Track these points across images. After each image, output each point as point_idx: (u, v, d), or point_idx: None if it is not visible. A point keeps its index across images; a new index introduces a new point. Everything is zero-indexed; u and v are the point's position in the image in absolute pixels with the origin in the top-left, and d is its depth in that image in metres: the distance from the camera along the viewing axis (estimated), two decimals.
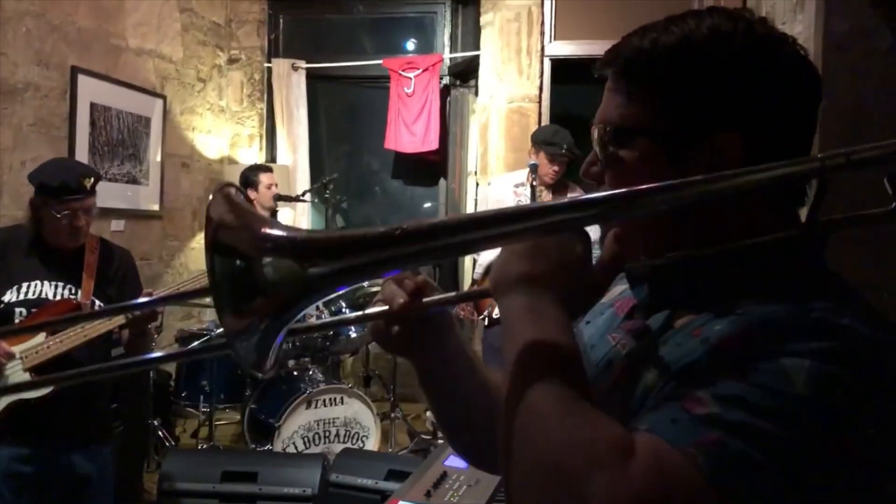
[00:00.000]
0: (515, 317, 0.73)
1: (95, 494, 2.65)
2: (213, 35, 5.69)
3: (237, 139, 5.99)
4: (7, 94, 3.72)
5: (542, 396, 0.67)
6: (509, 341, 0.72)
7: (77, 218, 2.57)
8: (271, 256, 0.69)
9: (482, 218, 0.71)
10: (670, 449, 0.62)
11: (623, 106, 0.81)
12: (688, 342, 0.73)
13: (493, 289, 0.78)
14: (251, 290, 0.68)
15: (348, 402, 4.07)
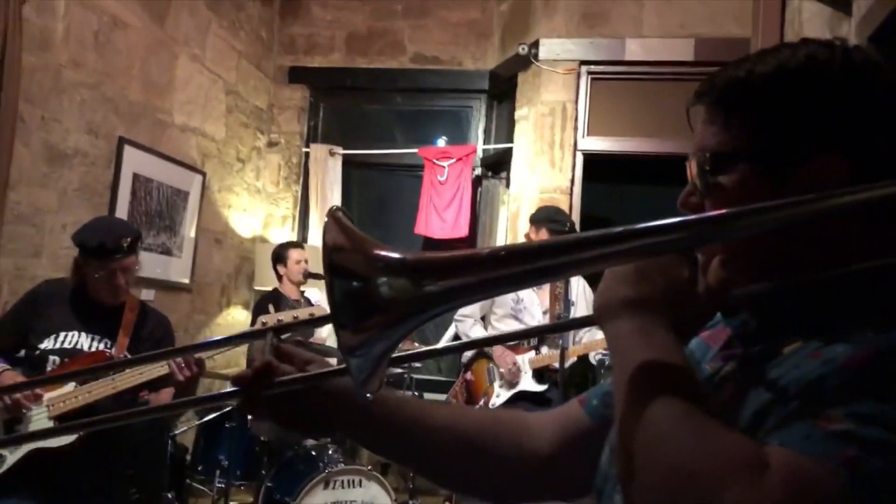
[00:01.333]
0: (625, 341, 0.72)
1: None
2: (255, 118, 5.88)
3: (270, 219, 6.10)
4: (56, 159, 3.83)
5: (663, 413, 0.65)
6: (619, 366, 0.71)
7: (115, 276, 2.61)
8: (386, 276, 0.72)
9: (587, 238, 0.71)
10: (808, 462, 0.60)
11: (720, 133, 0.81)
12: (806, 364, 0.70)
13: (598, 315, 0.78)
14: (368, 308, 0.71)
15: (366, 486, 3.95)
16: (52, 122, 3.78)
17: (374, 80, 6.01)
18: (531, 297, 4.17)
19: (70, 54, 3.86)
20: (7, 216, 3.46)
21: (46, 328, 2.59)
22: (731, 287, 0.80)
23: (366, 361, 0.74)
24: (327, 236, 0.74)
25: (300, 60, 6.14)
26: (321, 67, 6.10)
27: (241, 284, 5.75)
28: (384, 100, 6.11)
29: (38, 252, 3.75)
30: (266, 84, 6.01)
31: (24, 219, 3.65)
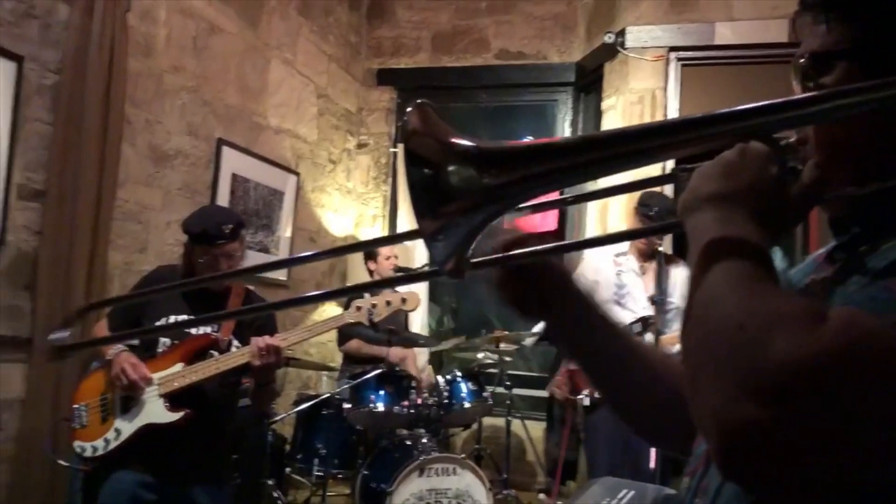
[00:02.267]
0: (702, 230, 0.71)
1: None
2: (345, 121, 6.02)
3: (361, 219, 6.22)
4: (160, 159, 4.03)
5: (722, 277, 0.65)
6: (695, 251, 0.70)
7: (217, 262, 2.71)
8: (456, 164, 0.72)
9: (666, 125, 0.71)
10: (868, 316, 0.58)
11: (823, 34, 0.81)
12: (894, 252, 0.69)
13: (681, 210, 0.77)
14: (440, 196, 0.72)
15: (461, 474, 3.96)
16: (155, 125, 3.98)
17: (460, 78, 6.05)
18: (635, 282, 4.05)
19: (171, 59, 4.05)
20: (115, 213, 3.65)
21: (157, 312, 2.72)
22: (825, 189, 0.78)
23: (446, 247, 0.74)
24: (409, 123, 0.76)
25: (387, 63, 6.25)
26: (408, 68, 6.19)
27: (334, 282, 5.87)
28: (470, 97, 6.15)
29: (144, 248, 3.94)
30: (355, 87, 6.15)
31: (131, 216, 3.85)
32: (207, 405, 2.64)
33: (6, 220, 3.15)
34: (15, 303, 3.23)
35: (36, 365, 3.27)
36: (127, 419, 2.60)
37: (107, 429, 2.61)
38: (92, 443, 2.60)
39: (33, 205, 3.29)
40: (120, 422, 2.60)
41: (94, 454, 2.59)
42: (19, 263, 3.23)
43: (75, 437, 2.64)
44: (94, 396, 2.68)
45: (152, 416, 2.57)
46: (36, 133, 3.28)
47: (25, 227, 3.26)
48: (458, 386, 4.25)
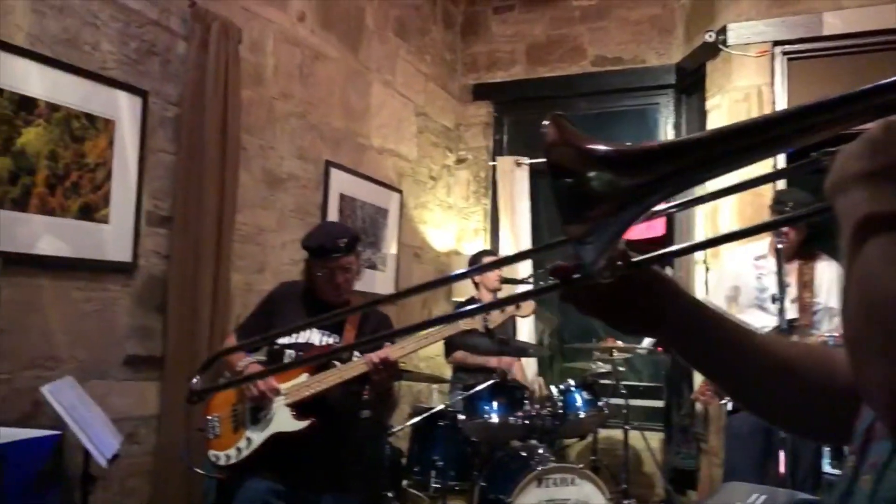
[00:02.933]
0: (853, 208, 0.69)
1: None
2: (443, 137, 6.11)
3: (462, 233, 6.28)
4: (274, 182, 4.19)
5: (885, 248, 0.63)
6: (847, 230, 0.68)
7: (335, 275, 2.80)
8: (595, 170, 0.75)
9: (805, 109, 0.70)
10: None
11: None
12: None
13: (829, 193, 0.75)
14: (583, 201, 0.75)
15: (579, 484, 3.91)
16: (268, 150, 4.15)
17: (557, 87, 6.05)
18: (776, 286, 3.94)
19: (279, 87, 4.23)
20: (235, 236, 3.82)
21: (282, 326, 2.83)
22: None
23: (595, 248, 0.78)
24: (547, 135, 0.79)
25: (483, 77, 6.32)
26: (503, 82, 6.24)
27: (439, 297, 5.94)
28: (568, 106, 6.11)
29: (262, 268, 4.10)
30: (452, 104, 6.24)
31: (249, 238, 4.02)
32: (332, 414, 2.73)
33: (138, 246, 3.34)
34: (147, 323, 3.42)
35: (169, 382, 3.44)
36: (257, 429, 2.71)
37: (238, 438, 2.72)
38: (225, 451, 2.72)
39: (161, 230, 3.48)
40: (250, 431, 2.71)
41: (227, 462, 2.71)
42: (150, 286, 3.43)
43: (210, 447, 2.77)
44: (225, 408, 2.80)
45: (280, 426, 2.67)
46: (161, 163, 3.48)
47: (155, 251, 3.46)
48: (572, 396, 4.21)
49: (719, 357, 0.97)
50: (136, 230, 3.34)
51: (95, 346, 3.18)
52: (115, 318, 3.28)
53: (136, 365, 3.37)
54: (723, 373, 1.00)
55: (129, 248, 3.30)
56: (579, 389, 4.23)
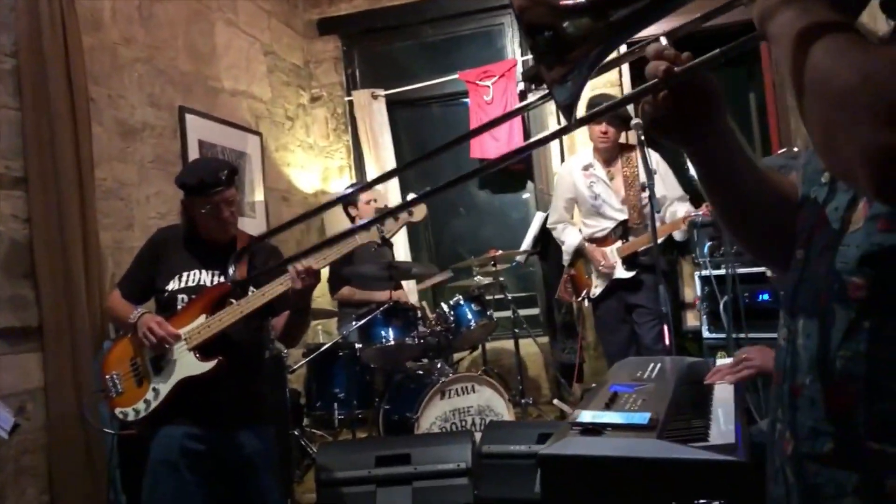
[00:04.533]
0: (787, 26, 0.76)
1: (263, 472, 2.74)
2: (294, 76, 5.97)
3: (328, 172, 6.22)
4: (129, 133, 3.98)
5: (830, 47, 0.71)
6: (787, 47, 0.75)
7: (220, 210, 2.72)
8: (570, 19, 0.86)
9: None
10: None
11: None
12: None
13: (759, 20, 0.82)
14: (562, 47, 0.86)
15: (479, 390, 4.09)
16: (118, 99, 3.92)
17: (402, 15, 6.03)
18: (606, 191, 4.28)
19: (120, 31, 3.98)
20: (98, 193, 3.62)
21: (169, 271, 2.74)
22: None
23: (572, 86, 0.88)
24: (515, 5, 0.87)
25: (326, 11, 6.19)
26: (348, 14, 6.14)
27: (313, 238, 5.89)
28: (416, 34, 6.13)
29: (130, 225, 3.92)
30: (298, 40, 6.09)
31: (112, 193, 3.82)
32: (238, 350, 2.69)
33: None
34: (18, 292, 3.20)
35: (51, 352, 3.26)
36: (162, 378, 2.63)
37: (144, 391, 2.64)
38: (133, 406, 2.63)
39: (17, 193, 3.24)
40: (156, 382, 2.63)
41: (137, 417, 2.63)
42: (15, 253, 3.20)
43: (115, 405, 2.67)
44: (123, 364, 2.70)
45: (186, 370, 2.61)
46: (4, 120, 3.22)
47: (13, 216, 3.22)
48: (462, 309, 4.36)
49: (737, 178, 1.06)
50: None
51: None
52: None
53: (13, 337, 3.16)
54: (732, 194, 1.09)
55: None
56: (468, 303, 4.37)
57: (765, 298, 3.18)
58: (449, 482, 3.24)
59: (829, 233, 0.94)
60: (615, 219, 4.26)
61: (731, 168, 1.06)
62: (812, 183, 1.03)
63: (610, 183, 4.30)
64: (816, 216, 0.98)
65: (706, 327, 3.34)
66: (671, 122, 1.01)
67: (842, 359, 0.88)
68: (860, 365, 0.86)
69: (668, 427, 1.91)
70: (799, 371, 0.95)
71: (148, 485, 2.56)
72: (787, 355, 0.99)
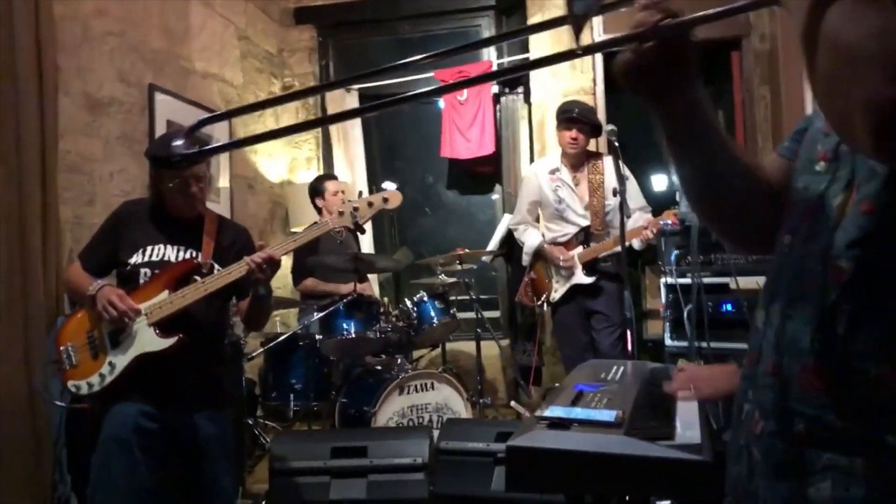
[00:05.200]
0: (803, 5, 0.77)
1: (217, 457, 2.69)
2: (267, 63, 5.90)
3: (295, 163, 6.15)
4: (96, 107, 3.89)
5: (846, 8, 0.73)
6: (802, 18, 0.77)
7: (188, 185, 2.67)
8: None
9: None
10: None
11: None
12: None
13: None
14: None
15: (438, 388, 4.08)
16: (86, 72, 3.83)
17: (379, 10, 6.01)
18: (571, 197, 4.30)
19: (94, 3, 3.89)
20: (60, 166, 3.52)
21: (133, 244, 2.67)
22: None
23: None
24: None
25: (304, 1, 6.14)
26: (325, 5, 6.10)
27: (276, 228, 5.83)
28: (391, 30, 6.12)
29: (91, 200, 3.82)
30: (274, 28, 6.02)
31: (75, 168, 3.72)
32: (199, 329, 2.63)
33: None
34: None
35: (2, 321, 3.16)
36: (119, 352, 2.56)
37: (99, 364, 2.57)
38: (87, 380, 2.56)
39: None
40: (112, 356, 2.56)
41: (90, 391, 2.55)
42: None
43: (68, 377, 2.59)
44: (80, 336, 2.62)
45: (145, 346, 2.54)
46: None
47: None
48: (425, 306, 4.34)
49: (705, 144, 1.05)
50: None
51: None
52: None
53: None
54: (699, 159, 1.08)
55: None
56: (432, 300, 4.36)
57: (728, 309, 3.21)
58: (405, 476, 3.21)
59: (820, 219, 0.95)
60: (578, 224, 4.28)
61: (699, 136, 1.05)
62: (804, 171, 1.04)
63: (575, 188, 4.33)
64: (807, 204, 1.00)
65: (669, 335, 3.37)
66: (647, 76, 0.99)
67: (819, 341, 0.90)
68: (837, 347, 0.88)
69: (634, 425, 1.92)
70: (775, 352, 0.97)
71: (98, 462, 2.48)
72: (762, 338, 1.01)
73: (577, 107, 4.29)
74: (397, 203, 2.71)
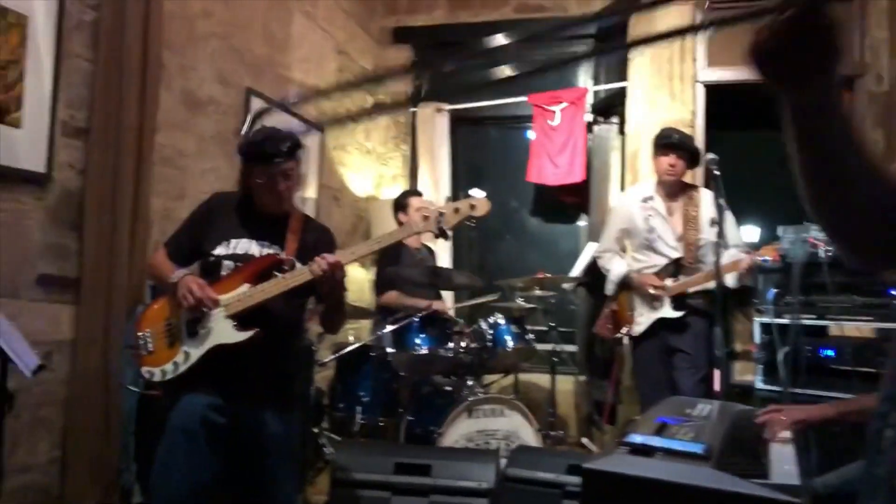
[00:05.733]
0: None
1: (281, 457, 2.63)
2: None
3: (381, 179, 6.16)
4: (194, 105, 3.96)
5: None
6: None
7: (276, 181, 2.65)
8: None
9: None
10: None
11: None
12: None
13: None
14: None
15: (509, 415, 3.94)
16: (189, 70, 3.91)
17: (478, 33, 5.99)
18: (663, 226, 4.10)
19: (201, 4, 3.98)
20: (155, 158, 3.59)
21: (218, 236, 2.67)
22: None
23: None
24: None
25: (403, 20, 6.19)
26: (424, 26, 6.13)
27: (358, 242, 5.81)
28: (489, 54, 6.09)
29: (181, 195, 3.88)
30: (371, 45, 6.09)
31: (168, 161, 3.79)
32: (276, 326, 2.60)
33: (53, 157, 3.07)
34: (62, 241, 3.17)
35: (85, 306, 3.21)
36: (195, 342, 2.55)
37: (175, 353, 2.56)
38: (161, 367, 2.55)
39: (76, 142, 3.22)
40: (188, 345, 2.55)
41: (163, 378, 2.54)
42: (65, 201, 3.17)
43: (143, 363, 2.59)
44: (158, 323, 2.63)
45: (221, 337, 2.52)
46: (77, 69, 3.21)
47: (69, 164, 3.19)
48: (501, 329, 4.22)
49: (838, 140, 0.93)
50: (51, 139, 3.07)
51: (4, 261, 2.91)
52: (27, 234, 3.02)
53: (49, 286, 3.11)
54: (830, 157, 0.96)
55: (44, 158, 3.04)
56: (508, 323, 4.23)
57: (828, 355, 2.98)
58: (468, 500, 3.08)
59: None
60: (667, 256, 4.07)
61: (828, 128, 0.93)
62: None
63: (668, 218, 4.13)
64: None
65: (760, 377, 3.15)
66: (783, 57, 0.89)
67: None
68: None
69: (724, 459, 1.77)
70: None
71: (163, 449, 2.45)
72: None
73: (677, 133, 4.13)
74: (485, 211, 2.62)
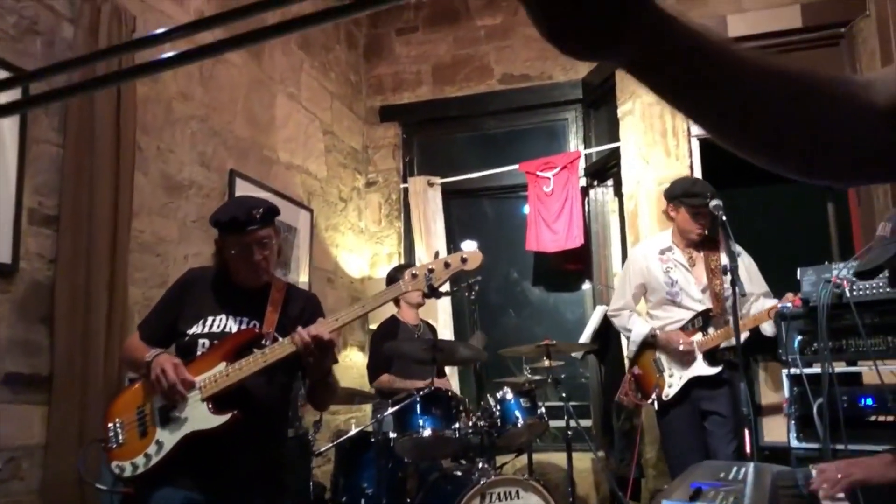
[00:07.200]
0: None
1: None
2: (351, 159, 5.86)
3: (376, 258, 6.00)
4: (174, 189, 3.82)
5: None
6: None
7: (251, 252, 2.47)
8: None
9: None
10: None
11: None
12: None
13: None
14: None
15: (525, 497, 3.62)
16: (167, 153, 3.79)
17: (465, 107, 5.94)
18: (686, 278, 3.85)
19: (178, 86, 3.89)
20: (132, 245, 3.42)
21: (194, 314, 2.47)
22: None
23: None
24: None
25: (389, 99, 6.15)
26: (411, 103, 6.09)
27: (355, 325, 5.60)
28: (477, 125, 6.03)
29: (163, 282, 3.68)
30: (359, 125, 6.03)
31: (148, 248, 3.62)
32: (258, 408, 2.36)
33: (19, 246, 2.90)
34: (31, 337, 2.96)
35: (57, 406, 2.97)
36: (168, 430, 2.31)
37: (147, 443, 2.31)
38: (131, 460, 2.30)
39: (46, 231, 3.05)
40: (161, 433, 2.31)
41: (133, 473, 2.29)
42: (34, 294, 2.98)
43: (112, 458, 2.34)
44: (129, 411, 2.39)
45: (196, 423, 2.28)
46: (45, 155, 3.07)
47: (39, 254, 3.02)
48: (509, 404, 3.93)
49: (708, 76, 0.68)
50: (17, 228, 2.90)
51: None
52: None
53: (18, 385, 2.89)
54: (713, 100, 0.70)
55: (9, 248, 2.86)
56: (517, 398, 3.96)
57: (868, 404, 2.71)
58: None
59: None
60: (692, 309, 3.79)
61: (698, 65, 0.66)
62: None
63: (691, 269, 3.88)
64: None
65: (794, 435, 2.87)
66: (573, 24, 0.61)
67: None
68: None
69: None
70: None
71: None
72: None
73: (710, 191, 3.81)
74: (477, 264, 2.43)
